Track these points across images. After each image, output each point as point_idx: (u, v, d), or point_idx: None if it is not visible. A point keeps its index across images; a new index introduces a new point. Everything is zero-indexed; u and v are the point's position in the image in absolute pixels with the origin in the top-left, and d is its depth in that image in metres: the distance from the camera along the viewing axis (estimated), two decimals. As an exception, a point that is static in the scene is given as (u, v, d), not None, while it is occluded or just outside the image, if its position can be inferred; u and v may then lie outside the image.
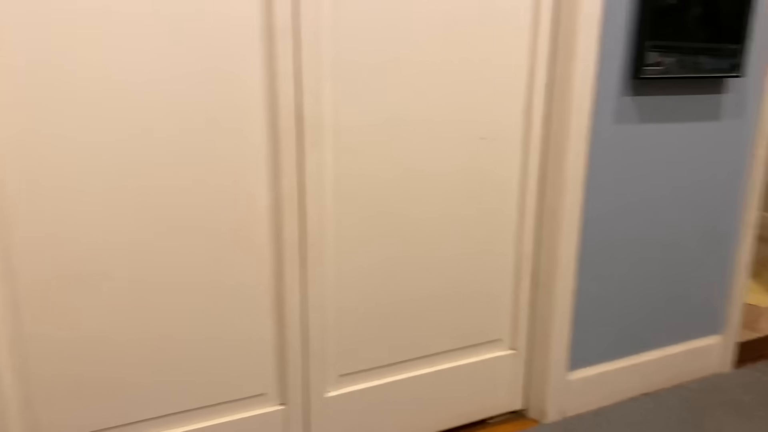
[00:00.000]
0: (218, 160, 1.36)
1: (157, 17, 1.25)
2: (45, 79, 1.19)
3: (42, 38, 1.17)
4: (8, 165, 1.20)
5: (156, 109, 1.29)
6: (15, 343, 1.28)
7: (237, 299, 1.45)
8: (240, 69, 1.34)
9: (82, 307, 1.31)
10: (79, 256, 1.29)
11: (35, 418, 1.33)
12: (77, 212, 1.27)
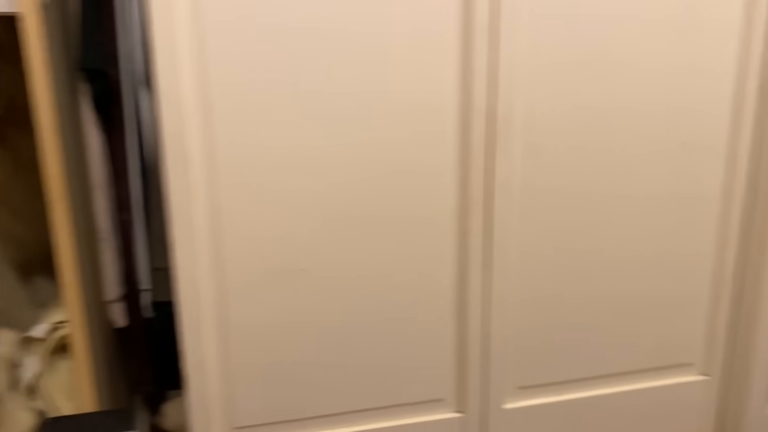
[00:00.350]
0: (410, 161, 1.36)
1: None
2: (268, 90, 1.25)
3: (256, 50, 1.23)
4: (231, 169, 1.26)
5: (356, 111, 1.30)
6: (220, 330, 1.35)
7: (421, 299, 1.43)
8: (433, 66, 1.32)
9: (280, 300, 1.36)
10: (281, 252, 1.33)
11: (233, 405, 1.40)
12: (281, 213, 1.31)
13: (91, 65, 1.43)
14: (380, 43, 1.27)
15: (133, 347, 1.63)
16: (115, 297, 1.56)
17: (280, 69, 1.23)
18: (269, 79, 1.24)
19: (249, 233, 1.30)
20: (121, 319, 1.59)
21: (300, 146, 1.29)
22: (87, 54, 1.43)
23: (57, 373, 1.55)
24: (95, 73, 1.46)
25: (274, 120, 1.26)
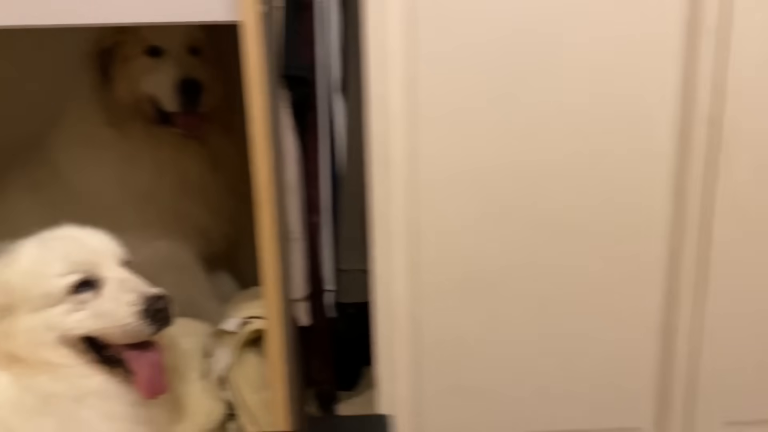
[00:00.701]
0: (622, 172, 1.27)
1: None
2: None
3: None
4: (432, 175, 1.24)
5: (566, 118, 1.24)
6: (412, 337, 1.33)
7: (624, 321, 1.34)
8: (655, 69, 1.23)
9: (475, 312, 1.33)
10: (478, 263, 1.30)
11: (420, 416, 1.38)
12: (482, 222, 1.28)
13: (292, 72, 1.48)
14: (597, 49, 1.20)
15: (314, 345, 1.67)
16: (300, 296, 1.60)
17: (491, 76, 1.20)
18: (478, 86, 1.22)
19: (447, 240, 1.28)
20: (305, 317, 1.63)
21: (505, 155, 1.25)
22: (289, 61, 1.47)
23: (245, 365, 1.62)
24: (295, 80, 1.50)
25: (480, 127, 1.23)
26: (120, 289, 1.25)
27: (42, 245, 1.30)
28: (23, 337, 1.24)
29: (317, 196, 1.57)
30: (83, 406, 1.26)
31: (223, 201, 2.04)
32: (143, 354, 1.28)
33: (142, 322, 1.23)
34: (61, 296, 1.25)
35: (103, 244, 1.32)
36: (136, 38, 1.82)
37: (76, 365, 1.27)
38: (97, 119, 1.87)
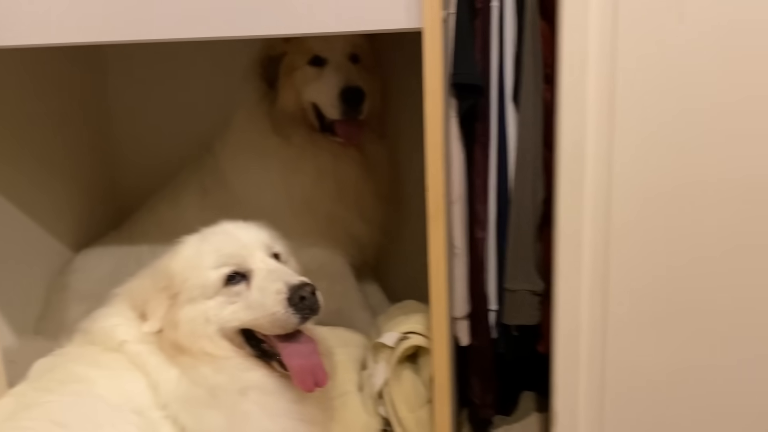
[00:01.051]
0: None
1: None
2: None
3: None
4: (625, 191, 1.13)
5: None
6: (593, 366, 1.22)
7: None
8: None
9: (667, 345, 1.19)
10: (674, 290, 1.16)
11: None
12: (680, 246, 1.14)
13: (464, 80, 1.41)
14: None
15: (474, 366, 1.59)
16: (461, 314, 1.53)
17: (698, 80, 1.07)
18: (683, 92, 1.09)
19: (638, 264, 1.16)
20: (464, 336, 1.55)
21: (710, 170, 1.11)
22: (460, 69, 1.41)
23: (402, 382, 1.57)
24: (465, 88, 1.43)
25: (682, 139, 1.10)
26: (267, 280, 1.27)
27: (200, 240, 1.36)
28: (185, 327, 1.29)
29: (484, 210, 1.49)
30: (246, 401, 1.28)
31: (374, 208, 2.03)
32: (297, 347, 1.28)
33: (288, 311, 1.23)
34: (215, 288, 1.29)
35: (252, 237, 1.35)
36: (301, 49, 1.85)
37: (235, 358, 1.29)
38: (262, 127, 1.91)
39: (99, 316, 1.38)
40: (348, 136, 1.86)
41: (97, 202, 2.16)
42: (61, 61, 1.98)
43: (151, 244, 1.88)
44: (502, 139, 1.46)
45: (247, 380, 1.28)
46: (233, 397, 1.27)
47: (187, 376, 1.27)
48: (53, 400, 1.21)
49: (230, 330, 1.29)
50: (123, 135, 2.26)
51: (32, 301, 1.90)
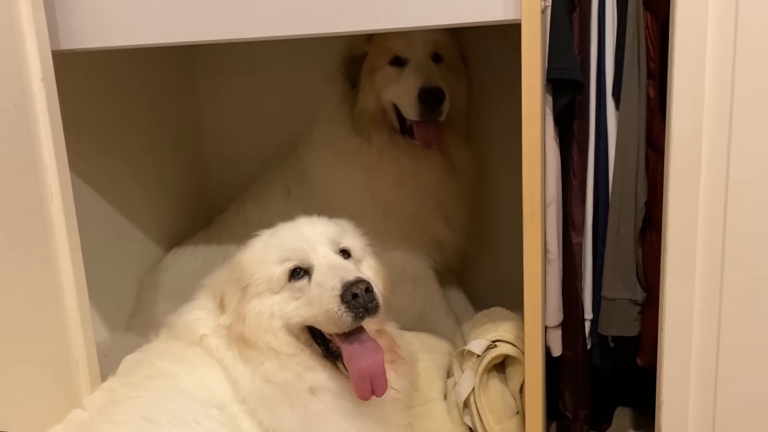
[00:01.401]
0: None
1: None
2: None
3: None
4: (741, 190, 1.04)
5: None
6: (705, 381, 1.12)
7: None
8: None
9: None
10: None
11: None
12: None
13: (561, 75, 1.34)
14: None
15: (566, 377, 1.50)
16: (554, 323, 1.45)
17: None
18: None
19: (758, 272, 1.05)
20: (557, 347, 1.47)
21: None
22: (557, 64, 1.34)
23: (490, 392, 1.51)
24: (562, 83, 1.36)
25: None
26: (326, 275, 1.23)
27: (270, 235, 1.35)
28: (251, 321, 1.28)
29: (581, 214, 1.41)
30: (317, 400, 1.25)
31: (458, 212, 1.97)
32: (359, 350, 1.23)
33: (341, 308, 1.18)
34: (280, 283, 1.27)
35: (317, 232, 1.32)
36: (382, 49, 1.82)
37: (299, 356, 1.27)
38: (343, 128, 1.90)
39: (185, 309, 1.39)
40: (425, 140, 1.81)
41: (187, 203, 2.21)
42: (153, 65, 2.03)
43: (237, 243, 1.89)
44: (601, 137, 1.38)
45: (313, 380, 1.26)
46: (304, 396, 1.25)
47: (258, 372, 1.26)
48: (141, 396, 1.23)
49: (295, 326, 1.27)
50: (213, 136, 2.31)
51: (125, 298, 1.96)
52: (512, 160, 1.37)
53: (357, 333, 1.24)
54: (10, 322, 1.17)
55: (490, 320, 1.60)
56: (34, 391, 1.23)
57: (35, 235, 1.23)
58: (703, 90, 1.06)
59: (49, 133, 1.23)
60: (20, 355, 1.20)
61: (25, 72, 1.18)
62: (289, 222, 1.39)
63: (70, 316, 1.30)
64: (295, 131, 2.05)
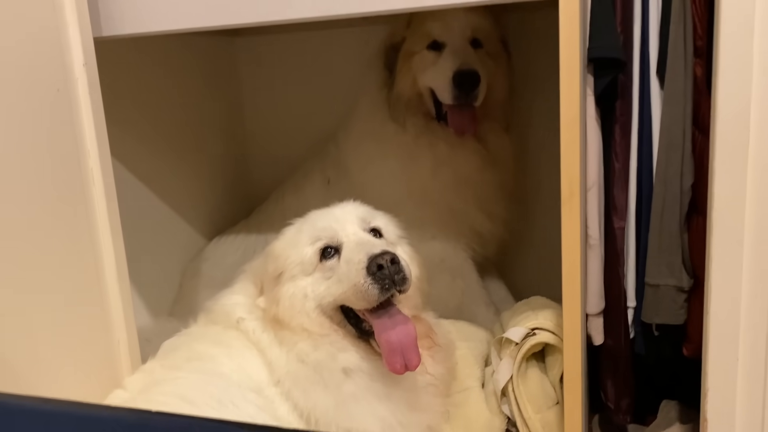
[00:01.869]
0: None
1: None
2: None
3: None
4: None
5: None
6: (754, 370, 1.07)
7: None
8: None
9: None
10: None
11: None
12: None
13: (602, 54, 1.30)
14: None
15: (607, 367, 1.46)
16: (595, 311, 1.41)
17: None
18: None
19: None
20: (599, 335, 1.43)
21: None
22: (598, 42, 1.30)
23: (528, 380, 1.47)
24: (604, 62, 1.32)
25: None
26: (353, 251, 1.24)
27: (303, 221, 1.38)
28: (285, 303, 1.29)
29: (623, 197, 1.37)
30: (350, 382, 1.25)
31: (497, 202, 1.94)
32: (390, 324, 1.23)
33: (367, 281, 1.18)
34: (313, 264, 1.29)
35: (346, 212, 1.34)
36: (420, 33, 1.80)
37: (332, 336, 1.28)
38: (381, 115, 1.89)
39: (223, 294, 1.42)
40: (459, 127, 1.79)
41: (228, 193, 2.25)
42: (194, 57, 2.07)
43: (276, 233, 1.91)
44: (645, 118, 1.33)
45: (345, 361, 1.26)
46: (337, 376, 1.25)
47: (292, 352, 1.27)
48: (180, 377, 1.25)
49: (327, 306, 1.28)
50: (253, 128, 2.34)
51: (168, 286, 2.00)
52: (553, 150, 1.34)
53: (387, 308, 1.24)
54: (53, 304, 1.20)
55: (530, 308, 1.57)
56: (77, 372, 1.26)
57: (77, 217, 1.26)
58: (751, 65, 1.01)
59: (90, 117, 1.26)
60: (63, 336, 1.22)
61: (68, 58, 1.21)
62: (322, 209, 1.40)
63: (112, 298, 1.32)
64: (334, 122, 2.05)
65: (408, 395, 1.28)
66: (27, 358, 1.13)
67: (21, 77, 1.12)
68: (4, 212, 1.09)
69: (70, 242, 1.24)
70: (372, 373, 1.26)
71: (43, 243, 1.18)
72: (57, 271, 1.22)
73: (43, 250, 1.18)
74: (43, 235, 1.18)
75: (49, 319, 1.19)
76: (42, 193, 1.17)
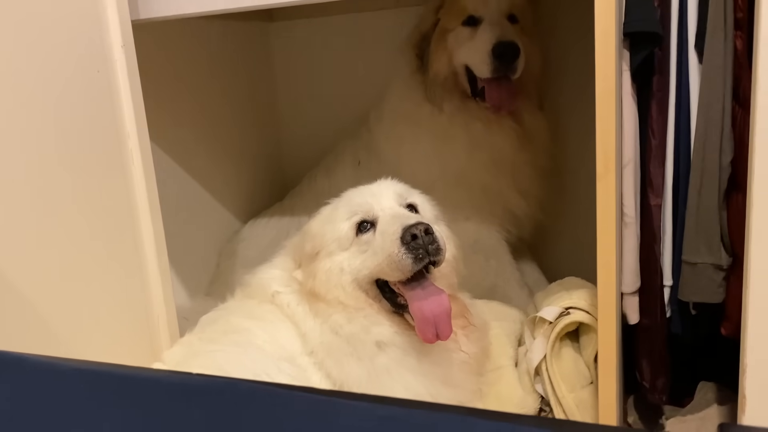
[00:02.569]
0: None
1: None
2: None
3: None
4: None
5: None
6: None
7: None
8: None
9: None
10: None
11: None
12: None
13: (639, 28, 1.27)
14: None
15: (643, 347, 1.44)
16: (630, 289, 1.39)
17: None
18: None
19: None
20: (634, 314, 1.41)
21: None
22: (634, 15, 1.27)
23: (562, 360, 1.47)
24: (640, 36, 1.29)
25: None
26: (388, 223, 1.26)
27: (339, 199, 1.40)
28: (321, 277, 1.31)
29: (660, 174, 1.35)
30: (384, 355, 1.27)
31: (532, 182, 1.92)
32: (423, 294, 1.25)
33: (401, 251, 1.20)
34: (349, 239, 1.31)
35: (382, 187, 1.37)
36: (455, 10, 1.79)
37: (366, 309, 1.30)
38: (415, 96, 1.88)
39: (260, 268, 1.45)
40: (497, 100, 1.77)
41: (263, 176, 2.28)
42: (229, 41, 2.09)
43: (310, 215, 1.93)
44: (683, 93, 1.31)
45: (379, 334, 1.28)
46: (370, 348, 1.27)
47: (327, 324, 1.30)
48: (217, 350, 1.28)
49: (363, 280, 1.30)
50: (288, 112, 2.36)
51: (205, 266, 2.05)
52: (587, 128, 1.33)
53: (420, 280, 1.25)
54: (95, 279, 1.24)
55: (564, 288, 1.56)
56: (118, 345, 1.30)
57: (118, 197, 1.30)
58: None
59: (129, 98, 1.29)
60: (106, 310, 1.27)
61: (107, 39, 1.24)
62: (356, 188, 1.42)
63: (151, 274, 1.36)
64: (367, 106, 2.06)
65: (441, 371, 1.29)
66: (72, 330, 1.18)
67: (63, 57, 1.16)
68: (49, 190, 1.13)
69: (111, 221, 1.28)
70: (405, 347, 1.28)
71: (86, 221, 1.22)
72: (99, 249, 1.26)
73: (85, 228, 1.22)
74: (86, 214, 1.22)
75: (93, 295, 1.23)
76: (84, 172, 1.21)
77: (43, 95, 1.12)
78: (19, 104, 1.08)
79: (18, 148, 1.08)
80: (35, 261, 1.10)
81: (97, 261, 1.24)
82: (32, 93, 1.10)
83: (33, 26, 1.10)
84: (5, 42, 1.06)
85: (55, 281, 1.14)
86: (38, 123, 1.12)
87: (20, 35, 1.08)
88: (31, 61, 1.10)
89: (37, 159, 1.11)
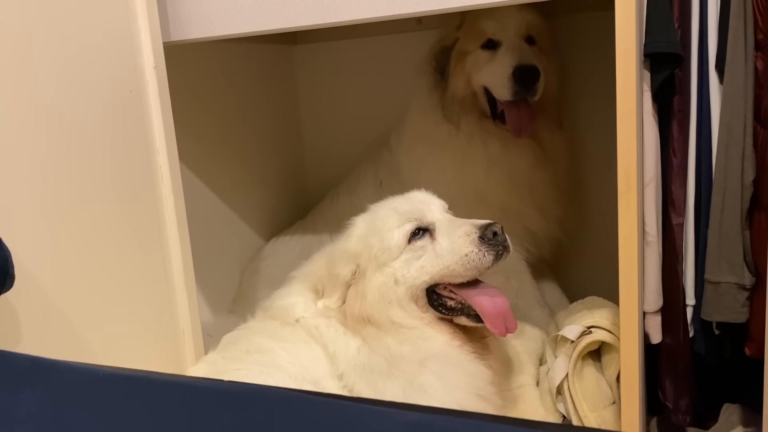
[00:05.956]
0: None
1: None
2: None
3: None
4: None
5: None
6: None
7: None
8: None
9: None
10: None
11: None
12: None
13: (660, 49, 1.29)
14: None
15: (666, 367, 1.44)
16: (653, 309, 1.39)
17: None
18: None
19: None
20: (656, 334, 1.41)
21: None
22: (655, 36, 1.29)
23: (584, 379, 1.47)
24: (661, 57, 1.31)
25: None
26: (452, 227, 1.29)
27: (372, 212, 1.41)
28: (374, 295, 1.31)
29: (682, 193, 1.35)
30: (425, 371, 1.27)
31: (552, 201, 1.93)
32: (486, 291, 1.30)
33: (482, 249, 1.25)
34: (400, 247, 1.31)
35: (426, 196, 1.40)
36: (474, 32, 1.81)
37: (419, 328, 1.30)
38: (434, 116, 1.91)
39: (278, 295, 1.46)
40: (517, 124, 1.79)
41: (286, 195, 2.31)
42: (255, 62, 2.14)
43: (331, 233, 1.96)
44: (704, 113, 1.32)
45: (429, 349, 1.29)
46: (413, 367, 1.27)
47: (369, 346, 1.30)
48: (241, 368, 1.29)
49: (418, 288, 1.31)
50: (311, 132, 2.40)
51: (228, 283, 2.07)
52: (608, 148, 1.34)
53: (476, 282, 1.31)
54: (125, 294, 1.27)
55: (586, 307, 1.56)
56: (146, 359, 1.33)
57: (147, 212, 1.33)
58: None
59: (160, 118, 1.33)
60: (132, 325, 1.29)
61: (139, 60, 1.29)
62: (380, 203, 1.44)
63: (178, 290, 1.39)
64: (388, 126, 2.09)
65: (476, 383, 1.30)
66: (102, 343, 1.20)
67: (98, 77, 1.20)
68: (80, 205, 1.17)
69: (140, 236, 1.31)
70: (449, 359, 1.29)
71: (115, 236, 1.25)
72: (128, 263, 1.29)
73: (115, 243, 1.25)
74: (115, 228, 1.25)
75: (120, 310, 1.26)
76: (115, 188, 1.25)
77: (80, 114, 1.17)
78: (58, 123, 1.13)
79: (55, 164, 1.12)
80: (70, 276, 1.14)
81: (127, 276, 1.27)
82: (69, 112, 1.15)
83: (72, 49, 1.15)
84: (51, 64, 1.11)
85: (87, 296, 1.17)
86: (75, 140, 1.16)
87: (61, 57, 1.13)
88: (72, 82, 1.15)
89: (72, 176, 1.15)
